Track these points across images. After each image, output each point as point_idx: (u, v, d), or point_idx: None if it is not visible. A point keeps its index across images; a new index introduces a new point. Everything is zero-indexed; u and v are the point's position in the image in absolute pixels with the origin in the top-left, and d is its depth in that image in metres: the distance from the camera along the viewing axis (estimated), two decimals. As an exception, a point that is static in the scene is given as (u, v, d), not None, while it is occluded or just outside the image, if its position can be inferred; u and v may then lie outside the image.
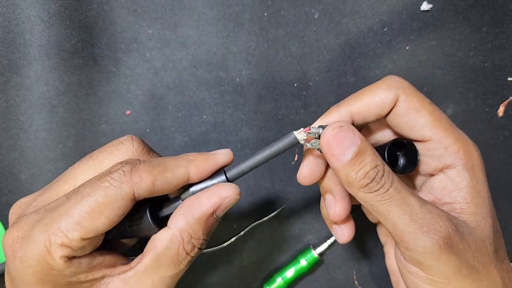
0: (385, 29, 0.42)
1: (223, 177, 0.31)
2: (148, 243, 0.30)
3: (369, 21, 0.42)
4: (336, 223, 0.35)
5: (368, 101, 0.33)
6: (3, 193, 0.43)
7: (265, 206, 0.43)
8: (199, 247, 0.30)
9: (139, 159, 0.30)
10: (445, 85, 0.42)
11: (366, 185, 0.29)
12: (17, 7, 0.42)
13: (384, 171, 0.30)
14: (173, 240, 0.29)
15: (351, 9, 0.42)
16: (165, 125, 0.43)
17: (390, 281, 0.41)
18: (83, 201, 0.27)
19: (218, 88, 0.43)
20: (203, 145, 0.42)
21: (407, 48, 0.42)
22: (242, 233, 0.42)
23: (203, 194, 0.30)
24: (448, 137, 0.31)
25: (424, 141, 0.32)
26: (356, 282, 0.42)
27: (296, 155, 0.42)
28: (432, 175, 0.33)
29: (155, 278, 0.29)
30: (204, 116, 0.43)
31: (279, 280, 0.41)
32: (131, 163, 0.29)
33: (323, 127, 0.31)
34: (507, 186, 0.43)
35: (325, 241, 0.40)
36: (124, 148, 0.31)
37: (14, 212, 0.31)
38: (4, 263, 0.42)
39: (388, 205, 0.29)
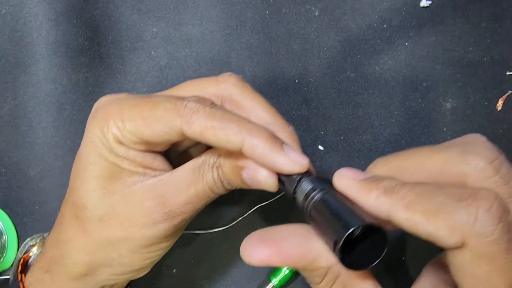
0: (384, 26, 0.43)
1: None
2: None
3: (369, 18, 0.43)
4: None
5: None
6: (12, 189, 0.44)
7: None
8: (220, 180, 0.31)
9: (213, 103, 0.30)
10: (444, 80, 0.43)
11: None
12: (25, 6, 0.43)
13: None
14: (213, 158, 0.31)
15: (351, 6, 0.43)
16: (170, 121, 0.43)
17: (385, 265, 0.42)
18: (146, 105, 0.30)
19: (221, 85, 0.43)
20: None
21: (406, 44, 0.43)
22: (246, 215, 0.42)
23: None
24: None
25: None
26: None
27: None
28: None
29: (182, 186, 0.31)
30: (208, 112, 0.43)
31: (284, 270, 0.41)
32: (200, 103, 0.29)
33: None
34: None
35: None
36: (226, 80, 0.33)
37: (95, 105, 0.33)
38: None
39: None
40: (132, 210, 0.31)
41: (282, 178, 0.29)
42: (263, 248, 0.25)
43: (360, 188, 0.25)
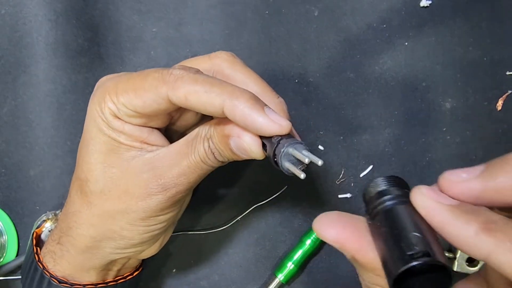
0: (384, 26, 0.43)
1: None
2: None
3: (369, 18, 0.43)
4: None
5: None
6: (12, 189, 0.44)
7: (267, 187, 0.43)
8: (212, 152, 0.31)
9: (198, 70, 0.31)
10: (444, 80, 0.43)
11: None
12: (24, 6, 0.43)
13: None
14: (204, 130, 0.31)
15: (351, 6, 0.43)
16: (170, 121, 0.43)
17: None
18: (137, 78, 0.31)
19: (221, 85, 0.43)
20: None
21: (406, 44, 0.43)
22: (244, 214, 0.43)
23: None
24: None
25: None
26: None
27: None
28: None
29: (175, 159, 0.32)
30: (208, 113, 0.43)
31: (289, 265, 0.41)
32: (185, 70, 0.30)
33: None
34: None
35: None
36: (217, 56, 0.35)
37: (96, 85, 0.35)
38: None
39: None
40: (130, 183, 0.32)
41: (264, 142, 0.29)
42: (337, 228, 0.25)
43: (453, 217, 0.21)
